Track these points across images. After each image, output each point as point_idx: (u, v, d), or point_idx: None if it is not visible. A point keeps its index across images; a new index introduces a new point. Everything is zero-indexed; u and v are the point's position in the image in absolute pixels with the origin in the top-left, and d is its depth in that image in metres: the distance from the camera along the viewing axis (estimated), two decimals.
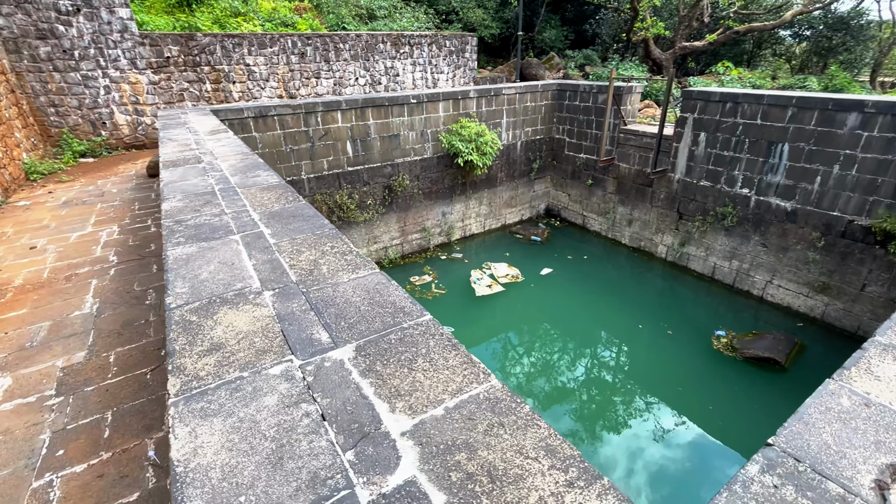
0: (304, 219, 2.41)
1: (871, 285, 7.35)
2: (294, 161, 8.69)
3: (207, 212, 2.56)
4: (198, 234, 2.23)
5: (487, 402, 1.10)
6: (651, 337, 8.18)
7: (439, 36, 13.51)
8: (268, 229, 2.27)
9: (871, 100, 6.81)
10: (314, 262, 1.88)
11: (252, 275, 1.80)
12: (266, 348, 1.33)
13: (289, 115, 8.37)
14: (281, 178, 3.22)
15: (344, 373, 1.21)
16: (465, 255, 11.18)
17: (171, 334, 1.40)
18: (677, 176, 9.71)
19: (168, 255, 1.99)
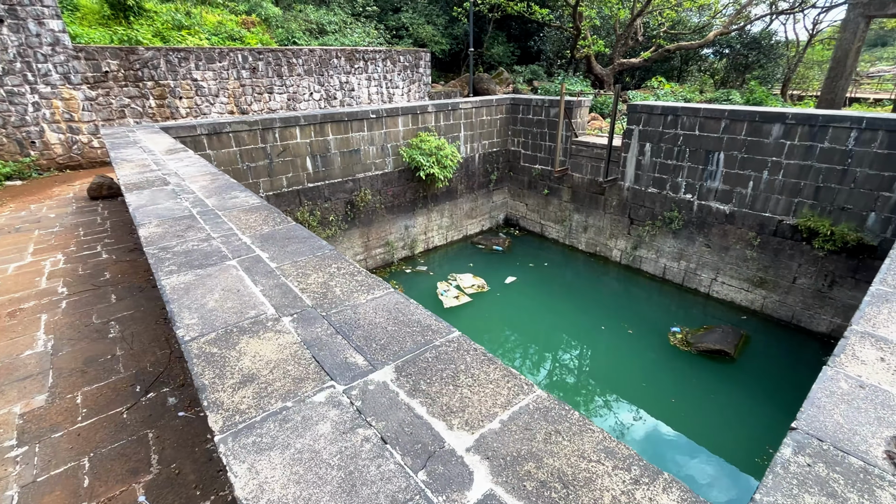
0: (301, 240, 2.37)
1: (801, 278, 8.15)
2: (252, 178, 8.41)
3: (193, 237, 2.45)
4: (190, 261, 2.13)
5: (538, 411, 1.15)
6: (613, 337, 8.57)
7: (393, 51, 13.64)
8: (265, 253, 2.21)
9: (791, 112, 7.63)
10: (325, 285, 1.86)
11: (263, 301, 1.75)
12: (302, 376, 1.31)
13: (245, 132, 8.10)
14: (262, 199, 3.13)
15: (391, 395, 1.22)
16: (430, 268, 11.22)
17: (196, 369, 1.33)
18: (627, 184, 10.32)
19: (164, 285, 1.89)
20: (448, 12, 21.53)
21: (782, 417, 6.53)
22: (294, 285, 1.87)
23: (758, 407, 6.74)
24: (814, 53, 21.84)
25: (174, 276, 1.97)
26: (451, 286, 10.20)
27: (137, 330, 3.52)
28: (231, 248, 2.28)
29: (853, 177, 7.18)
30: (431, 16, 21.39)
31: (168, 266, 2.08)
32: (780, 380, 7.26)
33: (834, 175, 7.36)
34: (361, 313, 1.64)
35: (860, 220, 7.25)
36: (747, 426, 6.45)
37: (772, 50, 21.22)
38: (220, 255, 2.20)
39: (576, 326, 9.06)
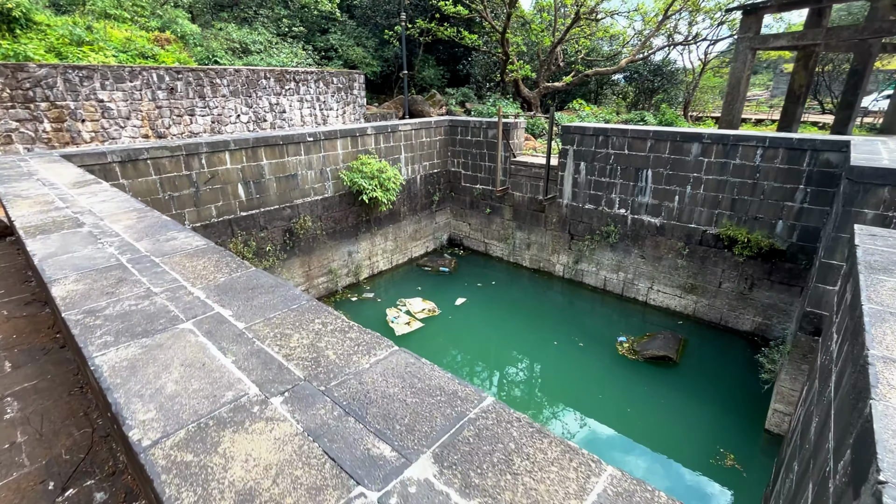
0: (268, 290, 2.02)
1: (725, 282, 8.88)
2: (175, 209, 7.58)
3: (128, 293, 2.00)
4: (130, 328, 1.71)
5: (620, 497, 0.97)
6: (565, 351, 8.71)
7: (326, 73, 13.25)
8: (226, 310, 1.84)
9: (706, 133, 8.40)
10: (313, 348, 1.56)
11: (240, 377, 1.41)
12: (319, 483, 1.02)
13: (166, 158, 7.31)
14: (206, 240, 2.70)
15: (441, 497, 0.97)
16: (377, 294, 10.80)
17: (168, 490, 0.99)
18: (565, 201, 10.74)
19: (99, 365, 1.47)
20: (377, 35, 21.55)
21: (724, 415, 6.95)
22: (274, 351, 1.54)
23: (703, 407, 7.12)
24: (706, 80, 24.68)
25: (112, 351, 1.55)
26: (402, 312, 9.86)
27: (45, 406, 2.85)
28: (182, 307, 1.88)
29: (762, 189, 8.00)
30: (361, 38, 21.28)
31: (101, 337, 1.65)
32: (717, 378, 7.77)
33: (746, 188, 8.16)
34: (369, 383, 1.37)
35: (770, 227, 8.07)
36: (697, 427, 6.77)
37: (673, 76, 23.67)
38: (170, 316, 1.80)
39: (529, 343, 9.12)
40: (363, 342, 1.60)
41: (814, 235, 7.67)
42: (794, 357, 5.96)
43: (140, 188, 7.10)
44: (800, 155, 7.50)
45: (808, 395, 2.83)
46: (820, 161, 7.34)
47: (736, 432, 6.63)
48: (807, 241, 7.76)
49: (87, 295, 2.00)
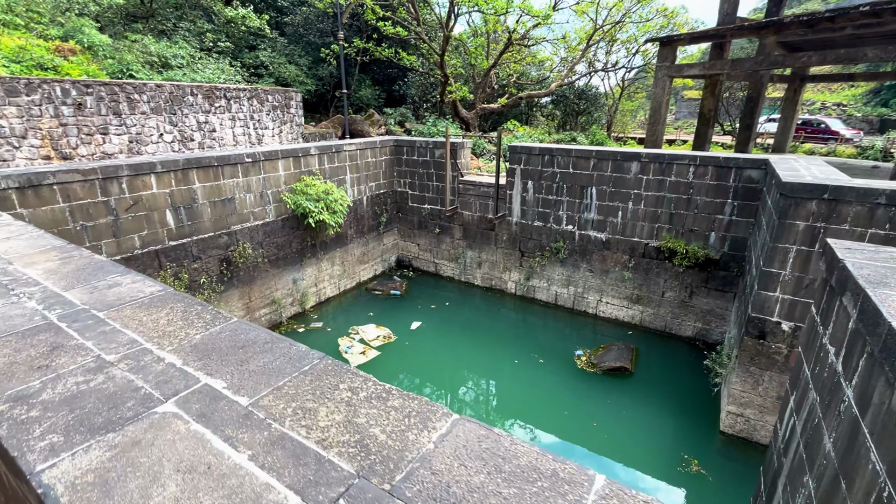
0: (263, 348, 1.63)
1: (668, 292, 9.41)
2: (90, 241, 6.56)
3: (70, 365, 1.51)
4: (85, 419, 1.25)
5: None
6: (526, 369, 8.67)
7: (260, 90, 12.49)
8: (217, 380, 1.44)
9: (644, 152, 8.95)
10: (353, 427, 1.22)
11: (268, 481, 1.04)
12: None
13: (78, 183, 6.33)
14: (163, 283, 2.21)
15: None
16: (326, 323, 10.13)
17: None
18: (514, 219, 10.89)
19: (49, 485, 1.02)
20: (311, 53, 20.97)
21: (681, 420, 7.23)
22: (303, 436, 1.19)
23: (661, 414, 7.36)
24: (624, 103, 26.87)
25: (66, 460, 1.10)
26: (355, 341, 9.31)
27: None
28: (154, 379, 1.44)
29: (695, 204, 8.63)
30: (293, 56, 20.57)
31: (43, 437, 1.18)
32: (669, 385, 8.11)
33: (682, 203, 8.76)
34: (444, 471, 1.07)
35: (705, 239, 8.71)
36: (659, 435, 6.96)
37: (596, 99, 25.46)
38: (140, 395, 1.36)
39: (490, 363, 8.97)
40: (413, 411, 1.30)
41: (742, 245, 8.38)
42: (743, 360, 6.34)
43: (44, 219, 6.04)
44: (726, 172, 8.21)
45: (803, 406, 2.90)
46: (744, 177, 8.07)
47: (695, 437, 6.89)
48: (736, 250, 8.45)
49: (10, 373, 1.49)
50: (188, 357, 1.58)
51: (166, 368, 1.51)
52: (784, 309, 5.88)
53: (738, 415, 6.62)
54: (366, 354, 8.81)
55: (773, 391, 6.26)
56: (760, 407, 6.43)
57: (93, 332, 1.76)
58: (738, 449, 6.62)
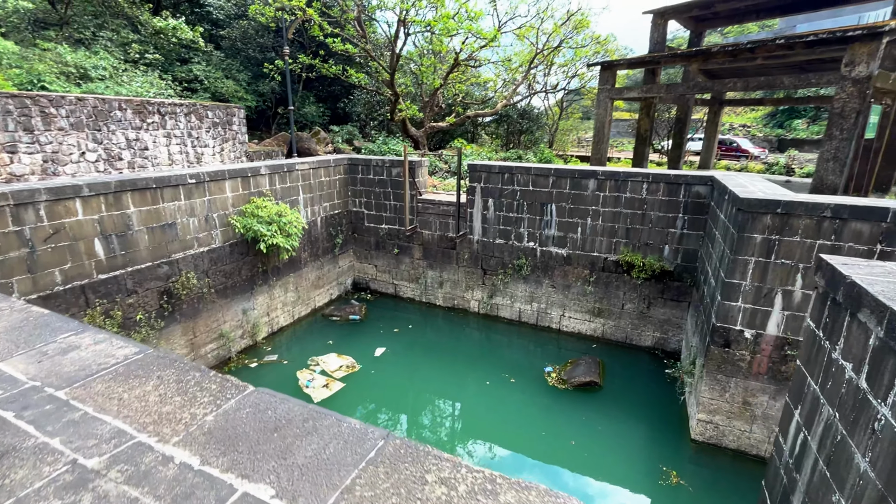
0: (305, 427, 1.28)
1: (627, 304, 9.71)
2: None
3: (29, 481, 1.07)
4: None
5: None
6: (498, 389, 8.48)
7: (199, 106, 11.57)
8: (261, 485, 1.06)
9: (600, 170, 9.26)
10: None
11: None
12: None
13: None
14: (137, 343, 1.76)
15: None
16: (282, 355, 9.37)
17: None
18: (476, 237, 10.82)
19: None
20: (250, 68, 20.02)
21: (654, 431, 7.36)
22: None
23: (634, 426, 7.45)
24: (563, 123, 28.22)
25: None
26: (316, 373, 8.65)
27: None
28: (169, 492, 1.05)
29: (650, 219, 9.03)
30: (231, 70, 19.50)
31: None
32: (637, 396, 8.27)
33: (637, 218, 9.13)
34: None
35: (659, 251, 9.11)
36: (635, 448, 7.02)
37: (538, 119, 26.51)
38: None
39: (461, 387, 8.69)
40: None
41: (693, 256, 8.85)
42: (710, 369, 6.59)
43: None
44: (677, 188, 8.68)
45: (815, 421, 2.94)
46: (692, 193, 8.57)
47: (669, 447, 7.03)
48: (689, 261, 8.91)
49: None
50: (206, 451, 1.20)
51: (180, 473, 1.12)
52: (746, 318, 6.20)
53: (708, 422, 6.85)
54: (329, 388, 8.20)
55: (740, 397, 6.54)
56: (728, 413, 6.69)
57: (56, 422, 1.31)
58: (710, 455, 6.82)
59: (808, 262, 5.70)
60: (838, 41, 9.20)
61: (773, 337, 6.11)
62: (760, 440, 6.60)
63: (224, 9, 20.41)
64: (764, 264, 5.91)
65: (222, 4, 20.37)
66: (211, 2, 20.09)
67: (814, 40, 9.41)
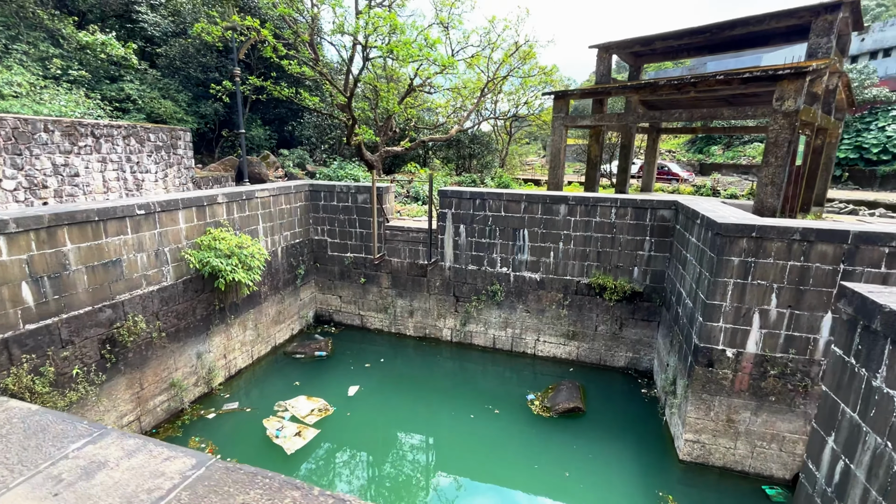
0: None
1: (600, 325, 9.86)
2: None
3: None
4: None
5: None
6: (482, 422, 8.17)
7: (140, 128, 10.49)
8: None
9: (571, 195, 9.47)
10: None
11: None
12: None
13: None
14: (190, 449, 1.32)
15: None
16: (243, 402, 8.46)
17: None
18: (447, 264, 10.60)
19: None
20: (191, 88, 18.81)
21: (642, 455, 7.36)
22: None
23: (622, 451, 7.42)
24: (513, 147, 29.14)
25: None
26: (285, 420, 7.86)
27: None
28: None
29: (619, 242, 9.31)
30: (169, 90, 18.19)
31: None
32: (619, 419, 8.30)
33: (607, 241, 9.38)
34: None
35: (629, 273, 9.39)
36: (628, 474, 6.96)
37: (488, 144, 27.16)
38: None
39: (444, 422, 8.26)
40: None
41: (661, 277, 9.20)
42: (695, 389, 6.74)
43: None
44: (643, 212, 9.04)
45: (858, 450, 2.96)
46: (658, 217, 8.97)
47: (658, 469, 7.04)
48: (657, 282, 9.24)
49: None
50: None
51: None
52: (727, 337, 6.43)
53: (695, 441, 6.96)
54: (302, 436, 7.45)
55: (724, 414, 6.72)
56: (714, 431, 6.85)
57: None
58: (698, 475, 6.90)
59: (781, 282, 6.04)
60: (769, 78, 10.21)
61: (752, 354, 6.37)
62: (745, 456, 6.80)
63: (160, 25, 19.16)
64: (742, 285, 6.19)
65: (158, 21, 19.13)
66: (146, 18, 18.79)
67: (749, 77, 10.39)
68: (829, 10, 10.96)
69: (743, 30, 12.82)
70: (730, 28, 13.03)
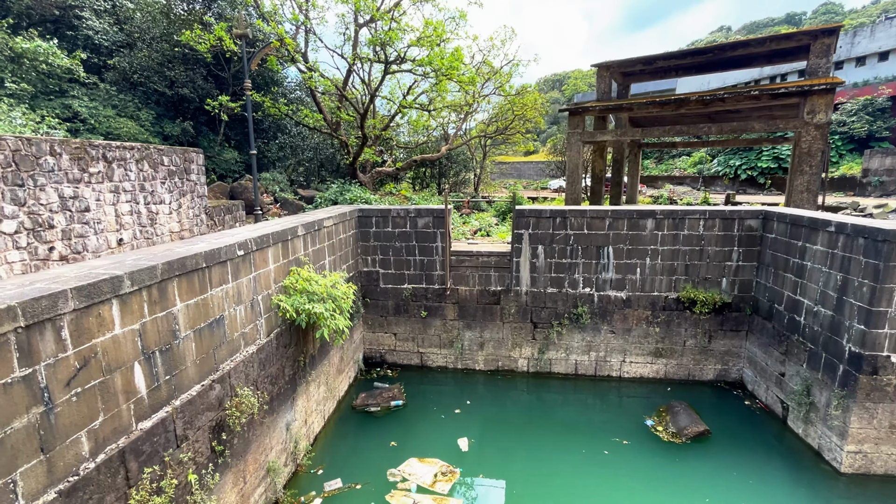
0: None
1: (689, 340, 9.64)
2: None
3: None
4: None
5: None
6: (621, 457, 7.42)
7: (153, 150, 8.47)
8: None
9: (659, 209, 9.23)
10: None
11: None
12: None
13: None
14: None
15: None
16: (345, 478, 6.89)
17: None
18: (524, 288, 9.82)
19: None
20: (152, 106, 16.25)
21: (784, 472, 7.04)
22: None
23: (774, 472, 7.08)
24: (488, 165, 29.15)
25: None
26: (413, 493, 6.49)
27: None
28: None
29: (707, 254, 9.22)
30: (126, 107, 15.53)
31: None
32: (739, 434, 7.98)
33: (695, 254, 9.25)
34: None
35: (718, 285, 9.31)
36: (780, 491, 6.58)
37: (465, 162, 26.88)
38: None
39: (581, 464, 7.33)
40: None
41: (748, 286, 9.22)
42: (860, 398, 6.62)
43: None
44: (731, 223, 9.04)
45: None
46: (745, 227, 9.02)
47: (817, 485, 6.77)
48: (744, 291, 9.25)
49: None
50: None
51: None
52: (893, 343, 6.40)
53: (857, 452, 6.82)
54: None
55: (886, 421, 6.67)
56: (876, 439, 6.76)
57: None
58: (860, 486, 6.74)
59: None
60: (800, 93, 10.94)
61: None
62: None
63: (107, 34, 16.42)
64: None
65: (106, 28, 16.39)
66: (90, 24, 15.99)
67: (782, 92, 11.06)
68: (826, 35, 12.01)
69: (744, 51, 13.73)
70: (731, 49, 13.91)
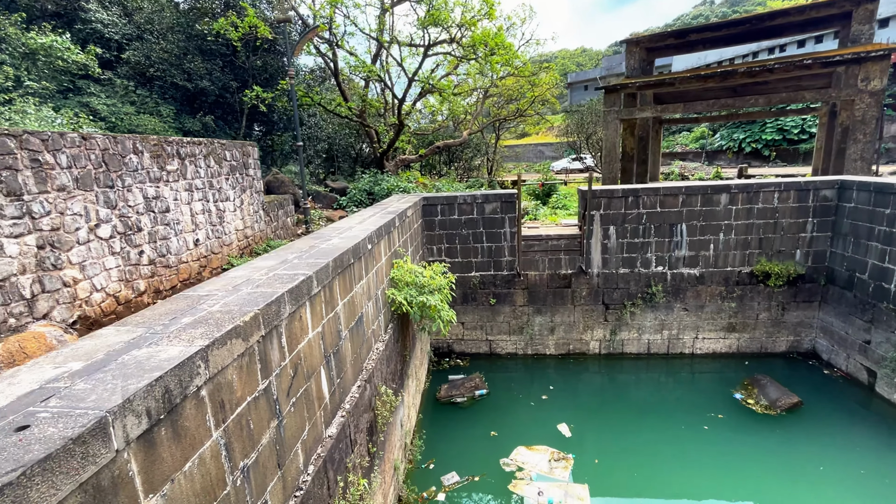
0: None
1: (762, 313, 9.64)
2: (252, 498, 2.56)
3: None
4: None
5: None
6: (720, 433, 7.41)
7: (217, 144, 8.04)
8: None
9: (734, 183, 9.12)
10: None
11: None
12: None
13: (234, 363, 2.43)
14: None
15: None
16: (460, 470, 6.75)
17: None
18: (595, 270, 9.69)
19: None
20: (170, 101, 15.59)
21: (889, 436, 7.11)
22: None
23: (866, 435, 7.13)
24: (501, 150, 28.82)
25: None
26: (534, 481, 6.39)
27: None
28: None
29: (781, 227, 9.17)
30: (146, 103, 14.87)
31: None
32: (829, 403, 8.05)
33: (769, 227, 9.19)
34: None
35: (791, 257, 9.28)
36: None
37: (479, 147, 26.52)
38: None
39: (686, 442, 7.29)
40: None
41: (822, 257, 9.21)
42: None
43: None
44: (806, 194, 8.98)
45: None
46: (820, 197, 8.96)
47: None
48: (819, 262, 9.25)
49: None
50: None
51: None
52: None
53: None
54: (580, 497, 6.07)
55: None
56: None
57: None
58: None
59: None
60: (854, 61, 10.84)
61: None
62: None
63: (117, 26, 15.61)
64: None
65: (115, 21, 15.57)
66: (98, 17, 15.16)
67: (838, 60, 10.95)
68: (870, 0, 11.88)
69: (783, 20, 13.54)
70: (770, 18, 13.70)
